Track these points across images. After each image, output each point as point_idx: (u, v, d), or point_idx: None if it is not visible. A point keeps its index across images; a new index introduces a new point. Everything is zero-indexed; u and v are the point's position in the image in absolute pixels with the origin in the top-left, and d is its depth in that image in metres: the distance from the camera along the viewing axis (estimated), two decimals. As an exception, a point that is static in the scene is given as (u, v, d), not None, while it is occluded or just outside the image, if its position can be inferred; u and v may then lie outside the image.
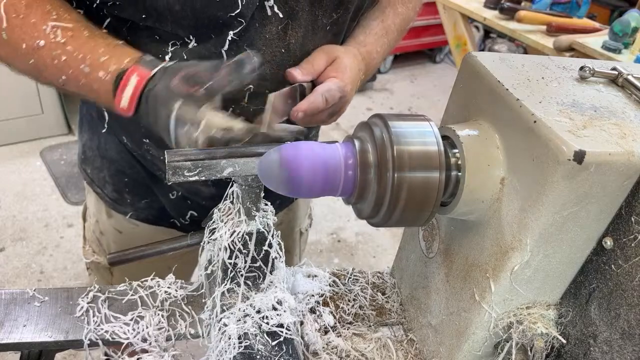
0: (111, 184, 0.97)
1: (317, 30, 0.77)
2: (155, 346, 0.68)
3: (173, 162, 0.57)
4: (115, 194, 0.98)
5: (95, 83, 0.64)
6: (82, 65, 0.63)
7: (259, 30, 0.72)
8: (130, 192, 0.97)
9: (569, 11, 2.60)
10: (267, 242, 0.66)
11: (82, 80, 0.64)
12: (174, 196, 0.94)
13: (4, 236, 2.35)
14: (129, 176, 0.95)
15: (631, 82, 0.58)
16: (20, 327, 0.66)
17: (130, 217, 0.99)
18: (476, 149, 0.55)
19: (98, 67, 0.63)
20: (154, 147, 0.87)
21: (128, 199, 0.98)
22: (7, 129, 2.85)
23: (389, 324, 0.77)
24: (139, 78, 0.62)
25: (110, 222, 1.03)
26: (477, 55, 0.61)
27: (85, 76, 0.64)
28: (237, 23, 0.70)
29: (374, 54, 0.86)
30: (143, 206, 0.98)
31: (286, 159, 0.52)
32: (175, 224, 1.00)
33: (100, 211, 1.03)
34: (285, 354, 0.60)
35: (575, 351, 0.58)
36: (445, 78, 4.47)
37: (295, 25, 0.73)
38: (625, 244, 0.50)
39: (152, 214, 0.99)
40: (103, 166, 0.97)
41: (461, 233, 0.63)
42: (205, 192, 0.92)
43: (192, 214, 0.97)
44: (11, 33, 0.63)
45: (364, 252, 2.55)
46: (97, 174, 0.98)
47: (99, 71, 0.63)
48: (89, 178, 1.01)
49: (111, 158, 0.95)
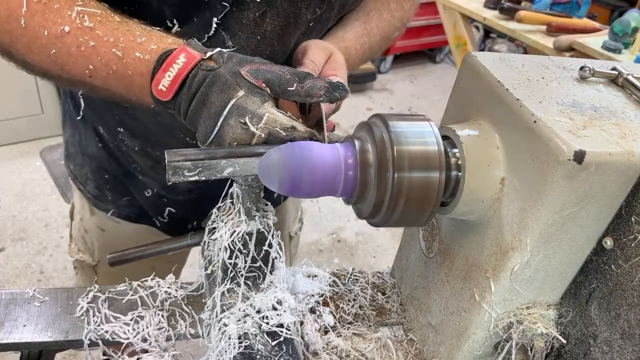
0: (92, 181, 0.97)
1: (299, 24, 0.75)
2: (155, 346, 0.68)
3: (173, 162, 0.57)
4: (96, 191, 0.98)
5: (130, 67, 0.58)
6: (114, 49, 0.58)
7: (235, 14, 0.69)
8: (111, 189, 0.97)
9: (569, 11, 2.61)
10: (267, 242, 0.66)
11: (113, 67, 0.59)
12: (150, 194, 0.94)
13: (4, 236, 2.35)
14: (109, 172, 0.94)
15: (631, 82, 0.58)
16: (20, 327, 0.66)
17: (112, 215, 0.99)
18: (476, 149, 0.55)
19: (135, 48, 0.58)
20: (128, 137, 0.86)
21: (109, 196, 0.97)
22: (7, 129, 2.85)
23: (389, 324, 0.77)
24: (186, 60, 0.57)
25: (93, 220, 1.02)
26: (477, 55, 0.61)
27: (118, 61, 0.58)
28: (220, 7, 0.68)
29: (352, 51, 0.83)
30: (124, 204, 0.98)
31: (286, 159, 0.52)
32: (155, 223, 0.99)
33: (84, 208, 1.03)
34: (285, 354, 0.60)
35: (575, 351, 0.58)
36: (445, 78, 4.48)
37: (274, 13, 0.71)
38: (625, 244, 0.50)
39: (134, 211, 0.98)
40: (84, 162, 0.96)
41: (461, 233, 0.63)
42: (181, 186, 0.91)
43: (169, 210, 0.96)
44: (31, 20, 0.57)
45: (364, 252, 2.55)
46: (80, 170, 0.98)
47: (136, 52, 0.58)
48: (73, 174, 1.01)
49: (92, 154, 0.94)
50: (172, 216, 0.97)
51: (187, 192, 0.94)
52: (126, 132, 0.85)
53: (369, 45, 0.87)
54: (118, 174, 0.94)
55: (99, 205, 0.99)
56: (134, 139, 0.86)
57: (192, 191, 0.94)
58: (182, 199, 0.94)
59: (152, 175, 0.92)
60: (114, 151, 0.91)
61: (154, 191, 0.94)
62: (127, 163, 0.91)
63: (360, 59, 0.87)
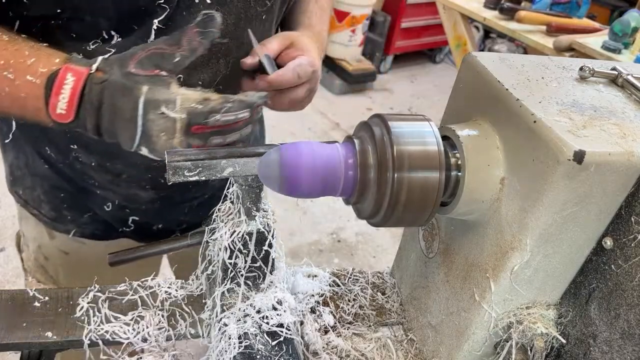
0: (47, 202, 0.90)
1: (250, 18, 0.75)
2: (155, 346, 0.68)
3: (173, 162, 0.57)
4: (53, 213, 0.91)
5: (22, 90, 0.57)
6: (5, 71, 0.57)
7: (186, 17, 0.68)
8: (69, 207, 0.90)
9: (569, 11, 2.61)
10: (267, 242, 0.66)
11: (5, 89, 0.58)
12: (110, 208, 0.89)
13: (4, 236, 2.35)
14: (64, 191, 0.88)
15: (631, 82, 0.58)
16: (20, 327, 0.66)
17: (74, 235, 0.92)
18: (476, 149, 0.55)
19: (25, 71, 0.57)
20: (83, 153, 0.82)
21: (68, 216, 0.91)
22: (7, 129, 2.85)
23: (389, 324, 0.77)
24: (75, 78, 0.56)
25: (53, 244, 0.95)
26: (477, 55, 0.61)
27: (10, 83, 0.57)
28: (161, 10, 0.66)
29: (323, 33, 0.88)
30: (86, 221, 0.92)
31: (286, 159, 0.52)
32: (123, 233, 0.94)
33: (42, 234, 0.95)
34: (285, 354, 0.60)
35: (575, 351, 0.58)
36: (445, 78, 4.47)
37: (225, 12, 0.71)
38: (625, 244, 0.50)
39: (98, 227, 0.93)
40: (35, 184, 0.90)
41: (461, 233, 0.63)
42: (144, 197, 0.88)
43: (133, 219, 0.92)
44: None
45: (364, 252, 2.55)
46: (30, 193, 0.91)
47: (26, 75, 0.57)
48: (22, 200, 0.93)
49: (43, 174, 0.88)
50: (137, 223, 0.93)
51: (150, 202, 0.90)
52: (80, 149, 0.81)
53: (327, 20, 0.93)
54: (74, 192, 0.88)
55: (58, 228, 0.92)
56: (90, 154, 0.82)
57: (155, 201, 0.90)
58: (145, 207, 0.91)
59: (112, 189, 0.87)
60: (65, 170, 0.86)
61: (115, 204, 0.89)
62: (82, 180, 0.86)
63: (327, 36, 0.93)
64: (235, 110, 0.60)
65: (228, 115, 0.59)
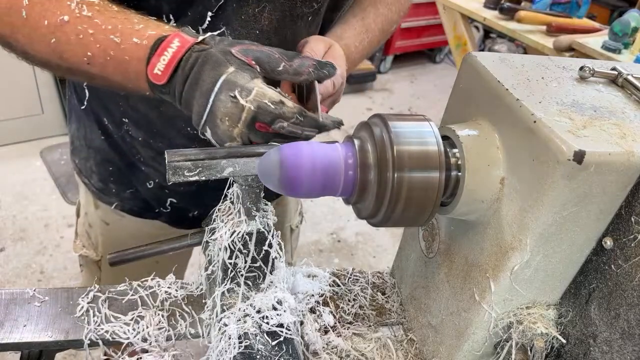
0: (97, 174, 0.98)
1: (295, 18, 0.77)
2: (155, 346, 0.68)
3: (173, 162, 0.57)
4: (100, 184, 0.99)
5: (127, 52, 0.60)
6: (112, 35, 0.60)
7: (236, 10, 0.72)
8: (115, 181, 0.97)
9: (569, 11, 2.61)
10: (267, 242, 0.66)
11: (110, 53, 0.60)
12: (152, 185, 0.95)
13: (4, 236, 2.35)
14: (113, 164, 0.95)
15: (631, 82, 0.58)
16: (20, 327, 0.66)
17: (116, 208, 1.00)
18: (476, 149, 0.55)
19: (133, 34, 0.60)
20: (132, 128, 0.87)
21: (113, 189, 0.98)
22: (7, 129, 2.85)
23: (389, 324, 0.77)
24: (180, 44, 0.59)
25: (97, 214, 1.03)
26: (477, 55, 0.61)
27: (116, 47, 0.60)
28: (214, 2, 0.70)
29: (352, 48, 0.85)
30: (128, 196, 0.98)
31: (286, 159, 0.52)
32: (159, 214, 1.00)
33: (89, 202, 1.04)
34: (285, 354, 0.60)
35: (575, 351, 0.58)
36: (445, 78, 4.47)
37: (271, 8, 0.74)
38: (625, 244, 0.50)
39: (137, 204, 0.99)
40: (89, 155, 0.97)
41: (461, 233, 0.63)
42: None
43: (171, 201, 0.97)
44: (31, 11, 0.60)
45: (364, 252, 2.55)
46: (84, 163, 0.99)
47: (134, 38, 0.60)
48: (78, 168, 1.02)
49: (96, 147, 0.95)
50: (174, 206, 0.99)
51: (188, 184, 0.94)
52: (131, 123, 0.87)
53: (368, 41, 0.88)
54: (122, 166, 0.95)
55: (103, 199, 1.00)
56: (138, 129, 0.88)
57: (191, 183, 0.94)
58: (184, 189, 0.96)
59: (154, 166, 0.93)
60: (119, 142, 0.92)
61: (156, 182, 0.95)
62: (131, 154, 0.92)
63: (360, 56, 0.88)
64: (305, 125, 0.61)
65: (295, 127, 0.60)
